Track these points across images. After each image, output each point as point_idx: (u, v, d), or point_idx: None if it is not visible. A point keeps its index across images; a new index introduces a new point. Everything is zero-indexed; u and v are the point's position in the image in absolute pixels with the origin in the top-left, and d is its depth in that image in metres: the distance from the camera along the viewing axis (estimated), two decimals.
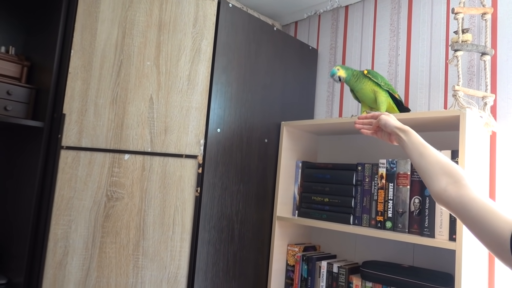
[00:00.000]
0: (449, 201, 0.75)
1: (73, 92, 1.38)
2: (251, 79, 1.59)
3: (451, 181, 0.77)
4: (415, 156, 0.87)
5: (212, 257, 1.42)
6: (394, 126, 0.96)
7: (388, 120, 0.99)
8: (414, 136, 0.91)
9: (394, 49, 1.68)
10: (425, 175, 0.83)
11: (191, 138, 1.40)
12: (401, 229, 1.31)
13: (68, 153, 1.35)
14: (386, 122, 0.99)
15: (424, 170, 0.83)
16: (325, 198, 1.54)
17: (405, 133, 0.93)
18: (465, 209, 0.71)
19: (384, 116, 1.02)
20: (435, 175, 0.80)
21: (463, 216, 0.72)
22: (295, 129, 1.73)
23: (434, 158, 0.83)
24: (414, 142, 0.89)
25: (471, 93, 1.29)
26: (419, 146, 0.88)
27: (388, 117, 1.01)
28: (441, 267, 1.38)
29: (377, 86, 1.41)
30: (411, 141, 0.90)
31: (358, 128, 1.11)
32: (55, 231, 1.31)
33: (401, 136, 0.93)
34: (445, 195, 0.76)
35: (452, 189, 0.76)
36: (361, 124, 1.11)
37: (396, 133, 0.95)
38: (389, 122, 0.98)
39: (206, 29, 1.45)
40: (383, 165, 1.39)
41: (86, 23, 1.41)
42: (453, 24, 1.52)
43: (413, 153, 0.88)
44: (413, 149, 0.88)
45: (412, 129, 0.94)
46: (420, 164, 0.85)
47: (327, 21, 1.98)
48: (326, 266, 1.53)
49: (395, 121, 0.98)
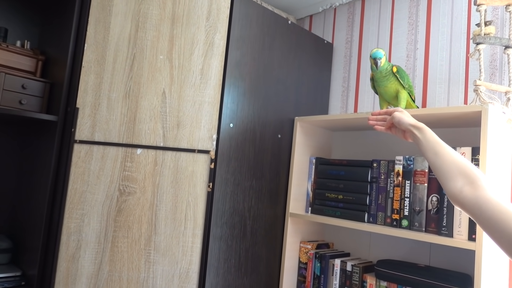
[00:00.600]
0: (464, 202, 0.74)
1: (87, 86, 1.38)
2: (265, 74, 1.57)
3: (467, 182, 0.76)
4: (430, 154, 0.85)
5: (224, 253, 1.41)
6: (408, 123, 0.94)
7: (402, 117, 0.97)
8: (429, 133, 0.89)
9: (412, 43, 1.63)
10: (440, 175, 0.81)
11: (204, 133, 1.39)
12: (417, 227, 1.27)
13: (81, 147, 1.35)
14: (400, 119, 0.97)
15: (439, 169, 0.82)
16: (339, 195, 1.51)
17: (419, 131, 0.91)
18: (481, 210, 0.70)
19: (398, 113, 0.99)
20: (451, 175, 0.79)
21: (478, 217, 0.70)
22: (309, 124, 1.70)
23: (450, 157, 0.81)
24: (429, 140, 0.87)
25: (494, 88, 1.24)
26: (434, 144, 0.86)
27: (402, 114, 0.99)
28: (458, 268, 1.34)
29: (401, 86, 1.38)
30: (426, 139, 0.88)
31: (371, 124, 1.09)
32: (68, 225, 1.32)
33: (415, 133, 0.91)
34: (461, 196, 0.75)
35: (468, 190, 0.74)
36: (374, 120, 1.09)
37: (411, 131, 0.93)
38: (403, 119, 0.96)
39: (220, 23, 1.43)
40: (400, 162, 1.35)
41: (100, 17, 1.41)
42: (475, 16, 1.46)
43: (428, 151, 0.86)
44: (428, 147, 0.87)
45: (426, 126, 0.91)
46: (435, 163, 0.83)
47: (343, 15, 1.93)
48: (340, 264, 1.50)
49: (409, 118, 0.96)
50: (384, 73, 1.37)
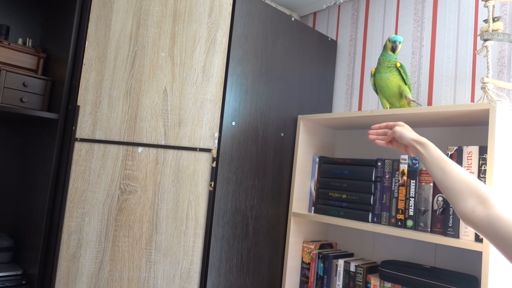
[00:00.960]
0: (477, 222, 0.73)
1: (88, 84, 1.36)
2: (268, 71, 1.55)
3: (478, 202, 0.74)
4: (437, 172, 0.84)
5: (225, 253, 1.39)
6: (411, 138, 0.93)
7: (403, 132, 0.96)
8: (433, 149, 0.88)
9: (418, 39, 1.60)
10: (449, 194, 0.80)
11: (205, 131, 1.37)
12: (423, 228, 1.24)
13: (82, 145, 1.34)
14: (401, 134, 0.96)
15: (448, 188, 0.80)
16: (342, 195, 1.49)
17: (422, 146, 0.89)
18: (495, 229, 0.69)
19: (399, 127, 0.98)
20: (461, 195, 0.77)
21: (491, 235, 0.69)
22: (313, 123, 1.68)
23: (458, 176, 0.79)
24: (434, 156, 0.86)
25: (502, 85, 1.21)
26: (439, 160, 0.84)
27: (403, 128, 0.97)
28: (465, 269, 1.31)
29: (403, 82, 1.39)
30: (430, 155, 0.87)
31: (372, 139, 1.07)
32: (69, 224, 1.31)
33: (418, 149, 0.90)
34: (473, 216, 0.74)
35: (481, 209, 0.73)
36: (375, 135, 1.07)
37: (413, 146, 0.92)
38: (405, 134, 0.95)
39: (222, 19, 1.41)
40: (405, 161, 1.32)
41: (101, 14, 1.39)
42: (482, 12, 1.43)
43: (433, 168, 0.85)
44: (432, 163, 0.85)
45: (429, 141, 0.90)
46: (442, 181, 0.82)
47: (347, 12, 1.91)
48: (343, 264, 1.48)
49: (411, 133, 0.94)
50: (390, 63, 1.38)
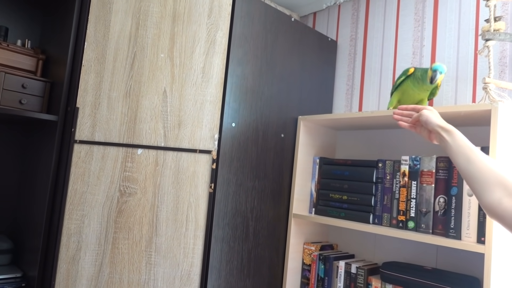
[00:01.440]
0: (504, 215, 0.69)
1: (87, 85, 1.36)
2: (268, 72, 1.54)
3: (506, 193, 0.70)
4: (462, 160, 0.79)
5: (226, 254, 1.38)
6: (437, 124, 0.88)
7: (430, 116, 0.91)
8: (459, 137, 0.83)
9: (419, 39, 1.59)
10: (474, 184, 0.76)
11: (205, 133, 1.36)
12: (424, 229, 1.24)
13: (81, 147, 1.33)
14: (427, 118, 0.91)
15: (473, 177, 0.76)
16: (343, 196, 1.48)
17: (448, 134, 0.85)
18: None
19: (426, 111, 0.93)
20: (487, 184, 0.73)
21: None
22: (313, 123, 1.67)
23: (485, 165, 0.75)
24: (460, 144, 0.81)
25: (503, 85, 1.20)
26: (465, 149, 0.80)
27: (430, 112, 0.92)
28: (467, 271, 1.31)
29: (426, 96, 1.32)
30: (456, 143, 0.82)
31: (396, 119, 1.02)
32: (69, 226, 1.30)
33: (443, 136, 0.85)
34: (500, 208, 0.70)
35: (508, 202, 0.69)
36: (400, 115, 1.02)
37: (438, 132, 0.87)
38: (431, 119, 0.90)
39: (221, 20, 1.41)
40: (406, 162, 1.32)
41: (100, 15, 1.38)
42: (484, 12, 1.42)
43: (458, 156, 0.80)
44: (458, 152, 0.81)
45: (456, 129, 0.85)
46: (467, 170, 0.77)
47: (347, 11, 1.90)
48: (344, 266, 1.47)
49: (438, 119, 0.90)
50: (428, 88, 1.27)
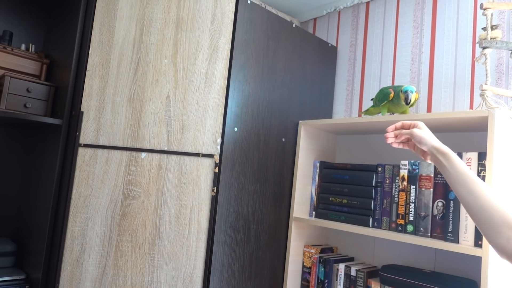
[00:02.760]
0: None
1: (91, 90, 1.38)
2: (269, 77, 1.57)
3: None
4: (462, 189, 0.77)
5: (227, 257, 1.40)
6: (432, 145, 0.86)
7: (424, 137, 0.88)
8: (457, 162, 0.80)
9: (418, 46, 1.62)
10: (480, 222, 0.73)
11: (208, 137, 1.39)
12: (423, 233, 1.26)
13: (85, 151, 1.35)
14: (421, 139, 0.89)
15: (478, 215, 0.73)
16: (343, 200, 1.51)
17: (445, 157, 0.82)
18: None
19: (418, 131, 0.90)
20: (494, 225, 0.71)
21: None
22: (313, 128, 1.70)
23: (489, 202, 0.73)
24: (458, 170, 0.79)
25: (500, 92, 1.23)
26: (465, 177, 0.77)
27: (422, 132, 0.90)
28: (464, 274, 1.33)
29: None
30: (454, 168, 0.79)
31: (390, 142, 0.98)
32: (73, 229, 1.32)
33: (440, 159, 0.83)
34: (509, 247, 0.68)
35: None
36: (392, 138, 0.98)
37: (434, 154, 0.85)
38: (425, 140, 0.88)
39: (224, 26, 1.43)
40: (405, 167, 1.34)
41: (104, 21, 1.41)
42: (481, 20, 1.45)
43: (458, 185, 0.78)
44: (457, 179, 0.78)
45: (451, 151, 0.83)
46: (470, 204, 0.75)
47: (347, 18, 1.93)
48: (344, 269, 1.49)
49: (433, 140, 0.87)
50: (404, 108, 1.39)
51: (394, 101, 1.38)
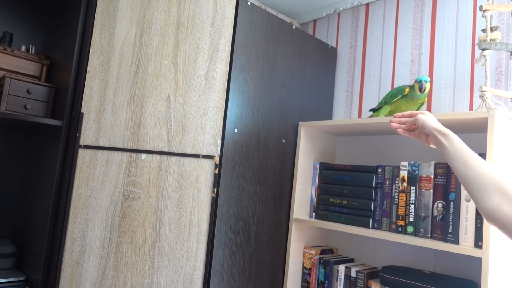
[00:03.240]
0: (503, 220, 0.69)
1: (91, 91, 1.38)
2: (269, 79, 1.57)
3: (504, 199, 0.70)
4: (459, 164, 0.80)
5: (228, 258, 1.40)
6: (433, 127, 0.89)
7: (426, 120, 0.92)
8: (456, 141, 0.83)
9: (417, 48, 1.63)
10: (472, 189, 0.76)
11: (208, 138, 1.39)
12: (423, 234, 1.26)
13: (86, 152, 1.35)
14: (424, 122, 0.92)
15: (471, 182, 0.76)
16: (343, 201, 1.51)
17: (445, 137, 0.85)
18: None
19: (422, 115, 0.94)
20: (485, 190, 0.73)
21: None
22: (313, 129, 1.70)
23: (482, 170, 0.75)
24: (456, 148, 0.82)
25: (500, 93, 1.23)
26: (463, 153, 0.80)
27: (426, 116, 0.93)
28: (465, 275, 1.33)
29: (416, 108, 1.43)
30: (452, 147, 0.83)
31: (394, 127, 1.03)
32: (73, 230, 1.32)
33: (440, 139, 0.86)
34: (498, 214, 0.70)
35: (507, 207, 0.69)
36: (397, 123, 1.03)
37: (435, 136, 0.88)
38: (427, 122, 0.91)
39: (224, 28, 1.43)
40: (405, 168, 1.34)
41: (105, 22, 1.41)
42: (480, 22, 1.46)
43: (456, 160, 0.81)
44: (455, 156, 0.81)
45: (453, 133, 0.86)
46: (465, 175, 0.78)
47: (347, 19, 1.93)
48: (344, 270, 1.49)
49: (434, 122, 0.90)
50: (421, 100, 1.39)
51: (409, 95, 1.39)
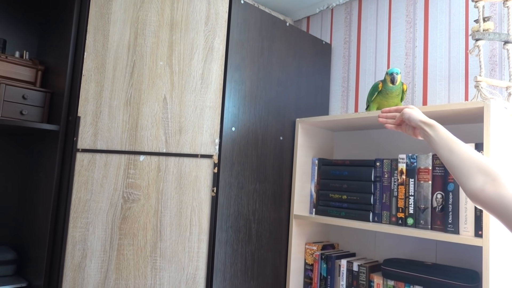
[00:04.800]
0: (487, 201, 0.72)
1: (87, 95, 1.38)
2: (265, 76, 1.57)
3: (488, 180, 0.73)
4: (445, 151, 0.83)
5: (230, 257, 1.40)
6: (419, 120, 0.93)
7: (412, 113, 0.96)
8: (441, 130, 0.87)
9: (411, 40, 1.63)
10: (457, 173, 0.79)
11: (206, 138, 1.39)
12: (423, 225, 1.27)
13: (84, 156, 1.35)
14: (410, 115, 0.96)
15: (456, 167, 0.79)
16: (343, 195, 1.51)
17: (431, 128, 0.89)
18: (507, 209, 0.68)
19: (408, 109, 0.98)
20: (469, 173, 0.76)
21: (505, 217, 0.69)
22: (310, 125, 1.70)
23: (466, 154, 0.79)
24: (442, 136, 0.85)
25: (494, 83, 1.24)
26: (447, 141, 0.84)
27: (412, 110, 0.97)
28: (466, 264, 1.34)
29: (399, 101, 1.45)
30: (438, 136, 0.86)
31: (381, 122, 1.07)
32: (73, 234, 1.31)
33: (426, 130, 0.90)
34: (482, 194, 0.73)
35: (490, 188, 0.72)
36: (384, 118, 1.07)
37: (421, 127, 0.91)
38: (413, 115, 0.95)
39: (219, 27, 1.43)
40: (403, 160, 1.35)
41: (98, 25, 1.41)
42: (473, 13, 1.46)
43: (442, 148, 0.84)
44: (441, 144, 0.85)
45: (437, 123, 0.89)
46: (451, 161, 0.81)
47: (340, 15, 1.94)
48: (346, 264, 1.50)
49: (420, 115, 0.94)
50: (397, 91, 1.40)
51: (383, 90, 1.41)
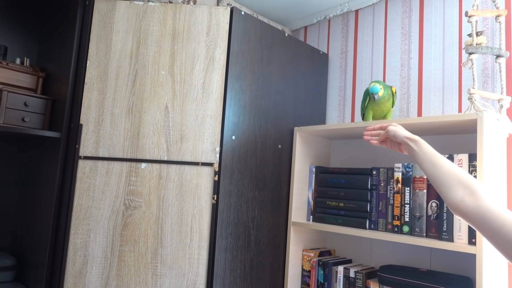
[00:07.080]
0: (466, 211, 0.77)
1: (90, 103, 1.40)
2: (264, 86, 1.60)
3: (467, 192, 0.79)
4: (428, 166, 0.88)
5: (229, 263, 1.42)
6: (404, 136, 0.98)
7: (397, 130, 1.01)
8: (425, 145, 0.93)
9: (406, 52, 1.68)
10: (439, 185, 0.84)
11: (207, 146, 1.41)
12: (418, 233, 1.30)
13: (85, 163, 1.36)
14: (395, 132, 1.01)
15: (438, 180, 0.85)
16: (340, 203, 1.54)
17: (415, 143, 0.94)
18: (484, 219, 0.73)
19: (392, 127, 1.03)
20: (450, 185, 0.82)
21: (482, 226, 0.73)
22: (308, 134, 1.74)
23: (448, 168, 0.84)
24: (425, 151, 0.91)
25: (487, 95, 1.28)
26: (430, 155, 0.89)
27: (396, 127, 1.03)
28: (460, 271, 1.38)
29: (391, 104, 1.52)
30: (422, 151, 0.92)
31: (366, 139, 1.13)
32: (75, 240, 1.32)
33: (411, 145, 0.95)
34: (462, 205, 0.78)
35: (469, 200, 0.77)
36: (369, 136, 1.13)
37: (407, 143, 0.97)
38: (398, 132, 1.00)
39: (220, 37, 1.47)
40: (399, 169, 1.39)
41: (101, 34, 1.43)
42: (466, 27, 1.51)
43: (425, 162, 0.89)
44: (424, 158, 0.90)
45: (421, 139, 0.95)
46: (433, 174, 0.86)
47: (337, 26, 1.98)
48: (343, 271, 1.52)
49: (404, 131, 1.00)
50: (387, 98, 1.47)
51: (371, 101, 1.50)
